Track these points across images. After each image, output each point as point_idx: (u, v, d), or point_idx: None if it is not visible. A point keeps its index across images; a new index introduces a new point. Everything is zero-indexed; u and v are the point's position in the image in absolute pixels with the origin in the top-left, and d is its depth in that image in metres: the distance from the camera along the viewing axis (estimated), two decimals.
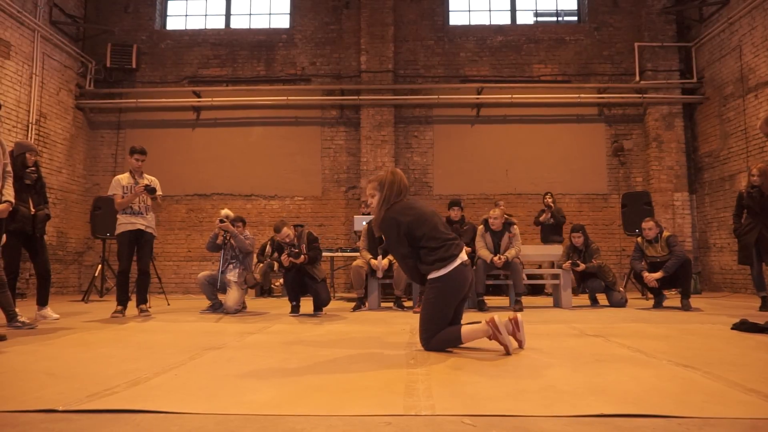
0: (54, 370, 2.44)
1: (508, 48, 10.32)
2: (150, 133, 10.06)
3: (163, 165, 9.45)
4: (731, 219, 6.00)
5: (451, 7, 10.66)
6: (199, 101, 10.14)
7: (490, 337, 2.84)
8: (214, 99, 10.15)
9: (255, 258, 7.03)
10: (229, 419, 1.67)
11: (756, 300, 6.17)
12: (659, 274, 5.78)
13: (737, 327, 3.82)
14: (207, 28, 10.79)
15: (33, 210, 4.67)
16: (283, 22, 10.71)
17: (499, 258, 5.85)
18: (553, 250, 6.97)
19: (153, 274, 5.95)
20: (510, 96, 9.89)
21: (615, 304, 6.17)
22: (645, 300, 6.96)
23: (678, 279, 5.84)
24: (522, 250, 6.14)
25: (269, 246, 7.53)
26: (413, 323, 4.13)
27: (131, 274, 5.30)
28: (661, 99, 9.77)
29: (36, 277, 4.87)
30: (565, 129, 10.08)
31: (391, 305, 6.22)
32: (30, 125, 8.55)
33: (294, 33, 10.46)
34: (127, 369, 2.44)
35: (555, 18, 10.94)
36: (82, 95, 9.98)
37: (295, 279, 5.38)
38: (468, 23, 10.61)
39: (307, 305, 5.54)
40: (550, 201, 8.34)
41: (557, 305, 6.28)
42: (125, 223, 5.23)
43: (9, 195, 3.97)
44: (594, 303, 6.47)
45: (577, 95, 9.89)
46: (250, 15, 10.92)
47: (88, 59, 10.01)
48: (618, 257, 9.62)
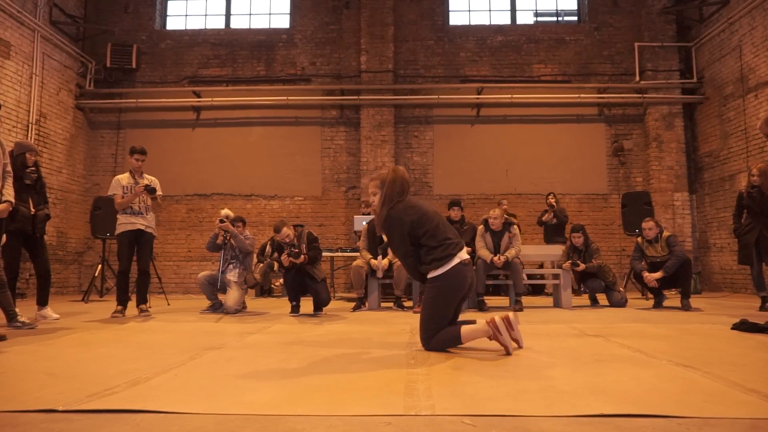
0: (54, 370, 2.44)
1: (508, 48, 10.31)
2: (150, 133, 10.06)
3: (163, 165, 9.45)
4: (731, 219, 6.00)
5: (451, 7, 10.66)
6: (199, 101, 10.14)
7: (490, 338, 2.84)
8: (214, 99, 10.15)
9: (255, 258, 7.03)
10: (229, 419, 1.67)
11: (756, 300, 6.17)
12: (659, 274, 5.78)
13: (737, 327, 3.82)
14: (207, 28, 10.79)
15: (33, 210, 4.67)
16: (283, 22, 10.72)
17: (499, 258, 5.85)
18: (553, 250, 6.97)
19: (153, 274, 5.95)
20: (510, 96, 9.89)
21: (615, 304, 6.17)
22: (645, 300, 6.96)
23: (678, 279, 5.84)
24: (522, 250, 6.14)
25: (269, 246, 7.53)
26: (413, 323, 4.13)
27: (131, 274, 5.30)
28: (661, 99, 9.77)
29: (36, 277, 4.87)
30: (565, 129, 10.08)
31: (391, 305, 6.22)
32: (30, 125, 8.55)
33: (294, 33, 10.46)
34: (127, 369, 2.44)
35: (555, 18, 10.94)
36: (82, 95, 9.98)
37: (295, 279, 5.38)
38: (468, 23, 10.61)
39: (307, 305, 5.54)
40: (552, 201, 8.36)
41: (557, 305, 6.28)
42: (125, 223, 5.23)
43: (9, 195, 3.97)
44: (594, 303, 6.47)
45: (577, 95, 9.89)
46: (250, 15, 10.92)
47: (88, 59, 10.01)
48: (618, 257, 9.62)
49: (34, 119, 8.61)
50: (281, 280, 6.62)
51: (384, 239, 5.98)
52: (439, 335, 2.94)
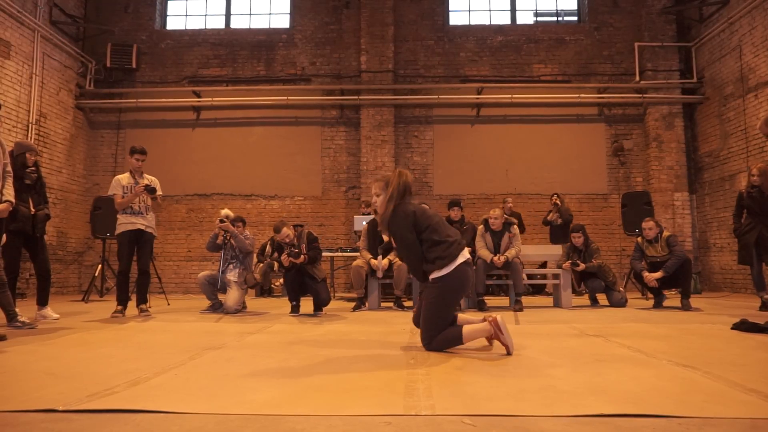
0: (54, 370, 2.44)
1: (508, 48, 10.31)
2: (150, 133, 10.06)
3: (163, 165, 9.45)
4: (731, 219, 6.00)
5: (451, 7, 10.66)
6: (199, 101, 10.14)
7: (491, 337, 2.84)
8: (214, 99, 10.15)
9: (255, 258, 7.03)
10: (230, 419, 1.67)
11: (756, 300, 6.17)
12: (659, 273, 5.78)
13: (737, 327, 3.82)
14: (207, 28, 10.79)
15: (33, 210, 4.67)
16: (283, 22, 10.72)
17: (499, 258, 5.85)
18: (553, 249, 6.97)
19: (153, 274, 5.95)
20: (510, 96, 9.89)
21: (615, 304, 6.16)
22: (645, 300, 6.95)
23: (678, 279, 5.84)
24: (522, 249, 6.14)
25: (269, 246, 7.53)
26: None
27: (131, 274, 5.30)
28: (661, 99, 9.77)
29: (36, 277, 4.87)
30: (565, 129, 10.08)
31: (391, 305, 6.22)
32: (30, 125, 8.55)
33: (294, 33, 10.46)
34: (127, 369, 2.44)
35: (555, 18, 10.94)
36: (82, 95, 9.98)
37: (295, 279, 5.38)
38: (468, 23, 10.61)
39: (307, 305, 5.54)
40: (557, 201, 8.37)
41: (557, 305, 6.28)
42: (125, 223, 5.23)
43: (9, 195, 3.97)
44: (594, 303, 6.47)
45: (577, 95, 9.89)
46: (250, 15, 10.92)
47: (88, 59, 10.01)
48: (618, 257, 9.62)
49: (34, 119, 8.61)
50: (281, 280, 6.62)
51: (384, 239, 5.98)
52: (441, 335, 2.94)
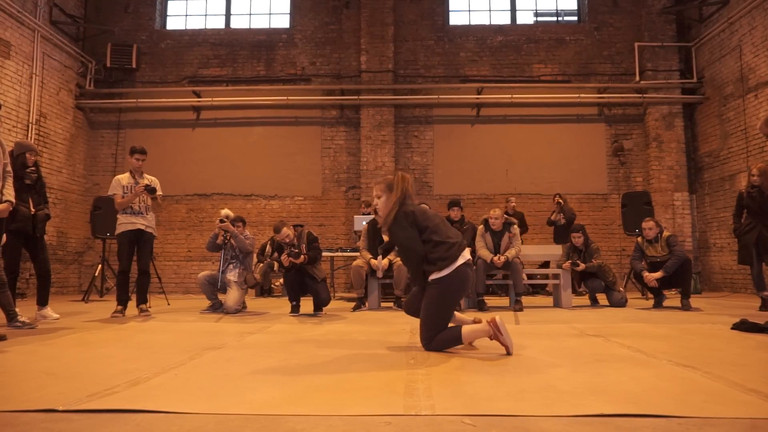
0: (54, 370, 2.44)
1: (508, 48, 10.31)
2: (150, 133, 10.06)
3: (163, 165, 9.45)
4: (731, 219, 6.00)
5: (451, 7, 10.65)
6: (199, 101, 10.14)
7: (491, 337, 2.84)
8: (214, 99, 10.15)
9: (255, 258, 7.03)
10: (230, 419, 1.67)
11: (756, 300, 6.17)
12: (659, 273, 5.79)
13: (737, 327, 3.82)
14: (207, 28, 10.79)
15: (33, 210, 4.67)
16: (283, 22, 10.72)
17: (499, 258, 5.85)
18: (553, 249, 6.97)
19: (153, 274, 5.95)
20: (510, 96, 9.89)
21: (615, 304, 6.16)
22: (645, 300, 6.95)
23: (678, 279, 5.84)
24: (522, 249, 6.14)
25: (269, 246, 7.53)
26: (413, 323, 4.12)
27: (131, 273, 5.30)
28: (661, 99, 9.77)
29: (36, 277, 4.87)
30: (565, 129, 10.08)
31: (391, 305, 6.23)
32: (30, 125, 8.55)
33: (294, 33, 10.46)
34: (127, 369, 2.44)
35: (555, 18, 10.94)
36: (82, 95, 9.98)
37: (295, 279, 5.38)
38: (468, 23, 10.61)
39: (307, 305, 5.54)
40: (560, 200, 8.38)
41: (557, 305, 6.28)
42: (125, 223, 5.23)
43: (9, 195, 3.97)
44: (594, 303, 6.47)
45: (577, 95, 9.89)
46: (250, 15, 10.92)
47: (88, 59, 10.01)
48: (618, 257, 9.62)
49: (34, 119, 8.61)
50: (281, 280, 6.62)
51: (384, 239, 5.98)
52: (440, 336, 2.95)
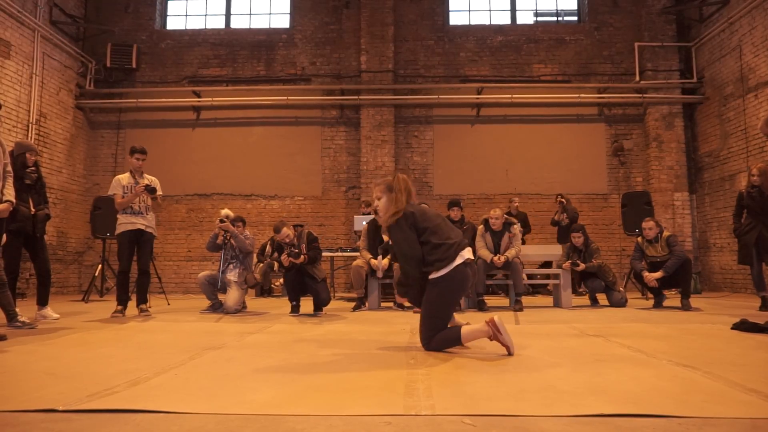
0: (54, 370, 2.44)
1: (508, 48, 10.31)
2: (150, 133, 10.05)
3: (163, 165, 9.44)
4: (731, 219, 6.00)
5: (451, 7, 10.65)
6: (199, 101, 10.14)
7: (490, 338, 2.84)
8: (214, 99, 10.15)
9: (255, 258, 7.03)
10: (230, 419, 1.67)
11: (756, 300, 6.17)
12: (659, 273, 5.78)
13: (737, 327, 3.82)
14: (207, 27, 10.79)
15: (33, 210, 4.67)
16: (283, 22, 10.72)
17: (499, 258, 5.85)
18: (553, 249, 6.98)
19: (153, 273, 5.95)
20: (510, 96, 9.88)
21: (615, 304, 6.16)
22: (645, 300, 6.95)
23: (678, 279, 5.84)
24: (522, 249, 6.14)
25: (269, 246, 7.53)
26: (413, 323, 4.13)
27: (131, 273, 5.30)
28: (661, 99, 9.77)
29: (36, 277, 4.87)
30: (565, 129, 10.08)
31: (391, 305, 6.23)
32: (30, 125, 8.55)
33: (294, 33, 10.46)
34: (127, 369, 2.44)
35: (555, 18, 10.94)
36: (82, 95, 9.98)
37: (296, 279, 5.38)
38: (468, 23, 10.61)
39: (307, 305, 5.54)
40: (562, 200, 8.39)
41: (557, 305, 6.28)
42: (125, 223, 5.23)
43: (9, 195, 3.98)
44: (594, 303, 6.47)
45: (577, 95, 9.88)
46: (250, 15, 10.92)
47: (88, 59, 10.01)
48: (618, 257, 9.62)
49: (34, 119, 8.61)
50: (281, 280, 6.62)
51: (384, 239, 5.98)
52: (440, 335, 2.95)
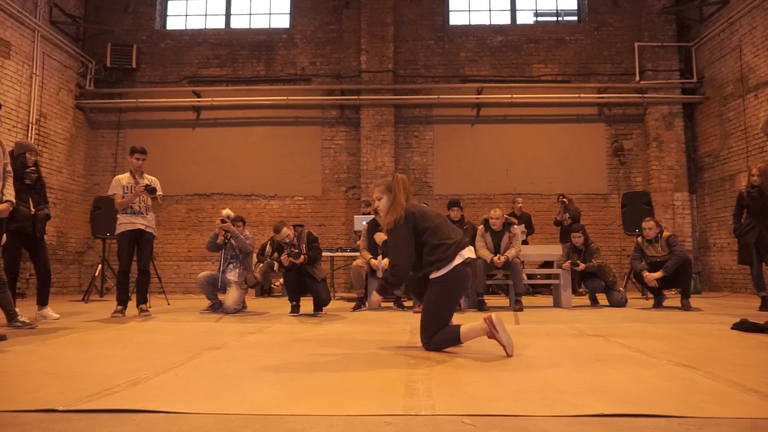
0: (54, 370, 2.44)
1: (508, 48, 10.31)
2: (150, 133, 10.05)
3: (163, 165, 9.44)
4: (731, 219, 5.99)
5: (451, 7, 10.65)
6: (199, 101, 10.14)
7: (488, 336, 2.83)
8: (214, 99, 10.15)
9: (255, 258, 7.02)
10: (230, 419, 1.67)
11: (756, 300, 6.17)
12: (659, 273, 5.78)
13: (737, 327, 3.82)
14: (207, 27, 10.79)
15: (33, 210, 4.67)
16: (283, 22, 10.72)
17: (499, 258, 5.85)
18: (552, 249, 6.98)
19: (153, 273, 5.95)
20: (510, 96, 9.88)
21: (615, 303, 6.16)
22: (645, 300, 6.95)
23: (678, 279, 5.84)
24: (522, 249, 6.14)
25: (269, 246, 7.53)
26: (413, 323, 4.13)
27: (131, 273, 5.30)
28: (661, 99, 9.77)
29: (36, 277, 4.87)
30: (565, 129, 10.08)
31: (391, 305, 6.23)
32: (30, 125, 8.55)
33: (294, 33, 10.45)
34: (127, 369, 2.44)
35: (555, 18, 10.94)
36: (82, 95, 9.98)
37: (296, 279, 5.38)
38: (468, 23, 10.61)
39: (307, 305, 5.54)
40: (565, 200, 8.39)
41: (557, 305, 6.28)
42: (125, 223, 5.23)
43: (9, 195, 3.98)
44: (594, 303, 6.47)
45: (577, 95, 9.88)
46: (250, 15, 10.92)
47: (88, 59, 10.01)
48: (618, 257, 9.62)
49: (34, 119, 8.61)
50: (281, 280, 6.62)
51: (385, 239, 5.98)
52: (439, 335, 2.95)
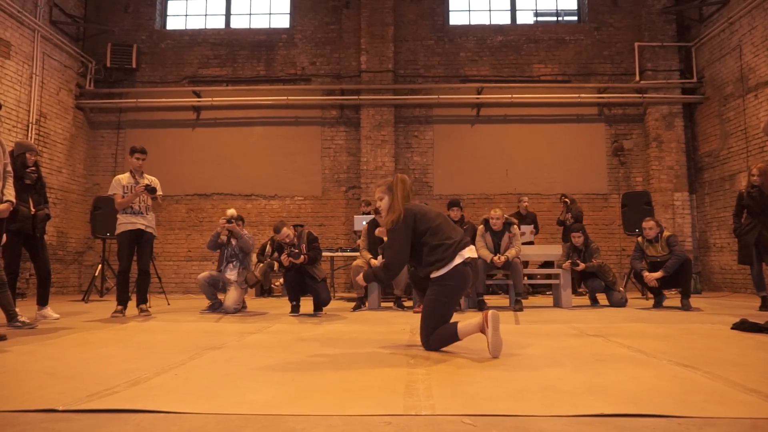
0: (54, 369, 2.44)
1: (508, 48, 10.31)
2: (150, 133, 10.05)
3: (163, 165, 9.44)
4: (731, 219, 6.00)
5: (451, 7, 10.65)
6: (199, 101, 10.14)
7: (481, 330, 2.82)
8: (214, 99, 10.15)
9: (255, 258, 7.03)
10: (230, 419, 1.67)
11: (756, 300, 6.17)
12: (659, 273, 5.78)
13: (737, 327, 3.82)
14: (207, 27, 10.79)
15: (33, 210, 4.67)
16: (283, 22, 10.72)
17: (499, 258, 5.85)
18: (552, 249, 6.98)
19: (153, 273, 5.94)
20: (510, 96, 9.88)
21: (615, 303, 6.16)
22: (645, 300, 6.95)
23: (678, 279, 5.84)
24: (522, 249, 6.14)
25: (269, 246, 7.53)
26: (413, 323, 4.13)
27: (131, 273, 5.30)
28: (661, 99, 9.77)
29: (36, 277, 4.87)
30: (565, 129, 10.08)
31: (391, 305, 6.23)
32: (30, 125, 8.55)
33: (294, 33, 10.45)
34: (127, 369, 2.44)
35: (555, 18, 10.94)
36: (82, 95, 9.98)
37: (296, 279, 5.38)
38: (468, 23, 10.61)
39: (307, 305, 5.54)
40: (565, 200, 8.39)
41: (557, 305, 6.28)
42: (125, 223, 5.23)
43: (10, 195, 3.98)
44: (594, 303, 6.47)
45: (577, 95, 9.88)
46: (250, 15, 10.92)
47: (88, 59, 10.01)
48: (618, 257, 9.62)
49: (34, 119, 8.61)
50: (281, 280, 6.62)
51: (384, 239, 5.97)
52: (437, 333, 2.95)
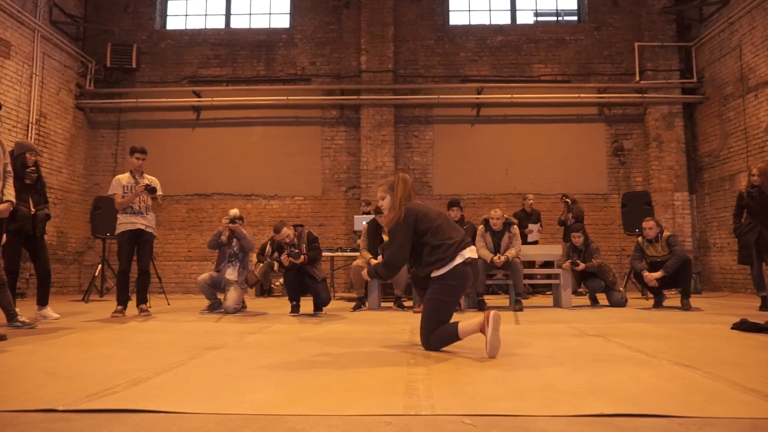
0: (54, 369, 2.44)
1: (508, 48, 10.31)
2: (150, 133, 10.05)
3: (163, 165, 9.44)
4: (731, 219, 6.00)
5: (451, 7, 10.65)
6: (199, 101, 10.14)
7: (480, 329, 2.82)
8: (214, 99, 10.15)
9: (255, 258, 7.02)
10: (230, 419, 1.67)
11: (756, 300, 6.17)
12: (659, 273, 5.78)
13: (737, 327, 3.82)
14: (207, 27, 10.79)
15: (33, 210, 4.67)
16: (283, 22, 10.72)
17: (499, 257, 5.85)
18: (552, 249, 6.98)
19: (153, 273, 5.94)
20: (510, 96, 9.88)
21: (615, 303, 6.16)
22: (645, 300, 6.95)
23: (678, 279, 5.84)
24: (522, 249, 6.14)
25: (269, 246, 7.53)
26: (413, 323, 4.13)
27: (131, 273, 5.31)
28: (661, 99, 9.76)
29: (36, 277, 4.87)
30: (565, 129, 10.08)
31: (391, 305, 6.23)
32: (30, 125, 8.55)
33: (294, 33, 10.45)
34: (127, 369, 2.44)
35: (555, 18, 10.94)
36: (82, 95, 9.98)
37: (296, 279, 5.38)
38: (468, 23, 10.61)
39: (307, 305, 5.54)
40: (568, 201, 8.39)
41: (557, 305, 6.28)
42: (125, 223, 5.23)
43: (10, 195, 3.98)
44: (594, 303, 6.47)
45: (577, 95, 9.88)
46: (250, 15, 10.92)
47: (88, 59, 10.01)
48: (618, 257, 9.62)
49: (34, 119, 8.61)
50: (281, 280, 6.62)
51: (384, 239, 5.98)
52: (437, 332, 2.95)
